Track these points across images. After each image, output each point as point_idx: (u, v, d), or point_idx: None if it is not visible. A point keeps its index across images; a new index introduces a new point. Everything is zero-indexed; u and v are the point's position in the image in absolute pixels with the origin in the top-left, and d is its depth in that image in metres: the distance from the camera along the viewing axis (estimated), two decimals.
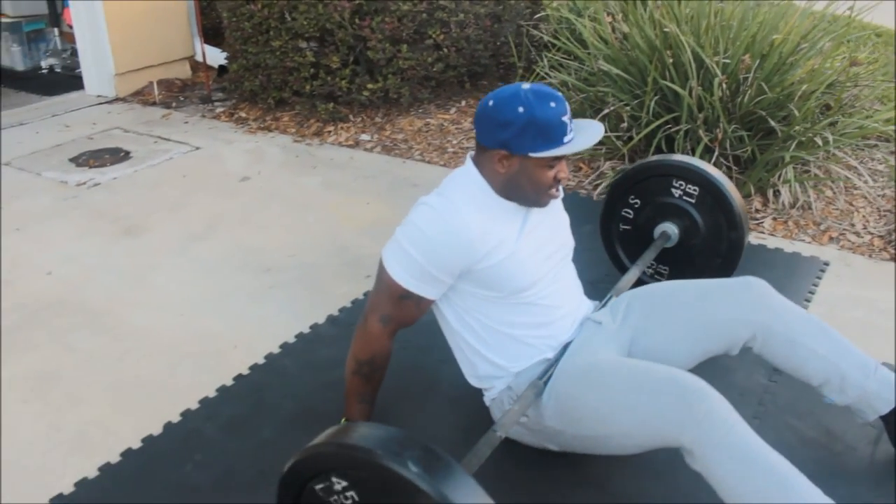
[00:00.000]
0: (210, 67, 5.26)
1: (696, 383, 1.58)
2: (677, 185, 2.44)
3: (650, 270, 2.63)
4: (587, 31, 3.67)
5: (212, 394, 2.22)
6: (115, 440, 2.04)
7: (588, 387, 1.70)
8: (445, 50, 4.29)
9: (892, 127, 3.50)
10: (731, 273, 2.44)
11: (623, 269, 2.68)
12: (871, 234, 3.21)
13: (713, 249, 2.45)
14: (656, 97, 3.31)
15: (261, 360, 2.38)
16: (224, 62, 5.02)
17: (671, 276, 2.58)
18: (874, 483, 1.89)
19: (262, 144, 4.26)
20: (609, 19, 3.52)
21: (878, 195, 3.47)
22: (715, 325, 1.89)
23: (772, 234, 3.21)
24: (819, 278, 2.86)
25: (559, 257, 1.91)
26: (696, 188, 2.42)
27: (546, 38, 4.32)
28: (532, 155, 1.68)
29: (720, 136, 3.22)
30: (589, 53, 3.75)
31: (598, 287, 2.64)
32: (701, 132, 3.24)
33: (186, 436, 2.06)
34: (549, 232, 1.89)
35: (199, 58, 5.40)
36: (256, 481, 1.89)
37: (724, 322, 1.88)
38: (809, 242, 3.18)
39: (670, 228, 2.49)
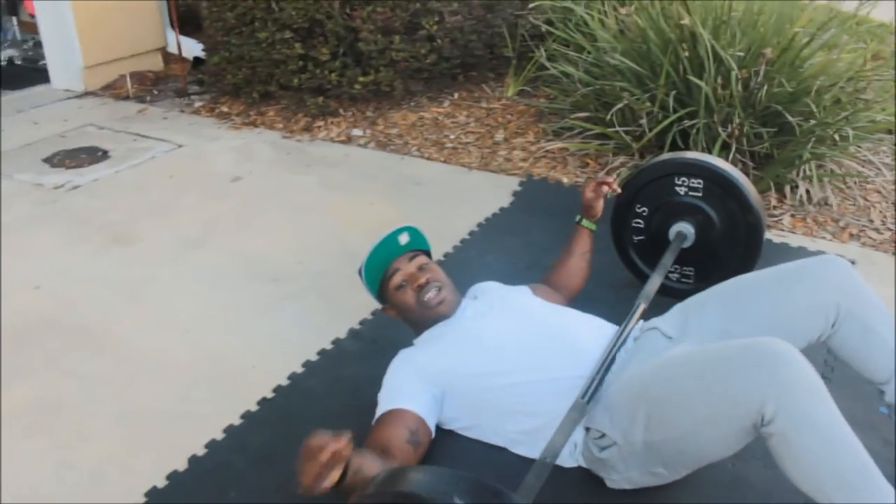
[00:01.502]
0: (184, 59, 5.00)
1: (778, 346, 1.45)
2: (680, 182, 2.37)
3: (675, 275, 2.53)
4: (595, 23, 3.54)
5: (236, 421, 2.04)
6: (135, 479, 1.85)
7: (662, 382, 1.62)
8: (439, 41, 4.12)
9: None
10: (757, 258, 2.38)
11: (645, 280, 2.58)
12: (891, 230, 3.15)
13: (733, 238, 2.37)
14: (674, 91, 3.19)
15: (284, 381, 2.20)
16: (200, 54, 4.78)
17: (697, 277, 2.50)
18: None
19: (250, 141, 4.05)
20: (625, 11, 3.39)
21: (892, 189, 3.42)
22: (801, 313, 1.77)
23: (792, 232, 3.12)
24: None
25: (525, 320, 1.92)
26: (700, 181, 2.34)
27: (543, 27, 4.18)
28: (382, 294, 1.98)
29: (737, 131, 3.12)
30: (595, 45, 3.62)
31: (622, 293, 2.55)
32: (718, 128, 3.14)
33: (216, 470, 1.88)
34: (489, 307, 1.98)
35: (171, 49, 5.15)
36: None
37: (810, 308, 1.77)
38: (831, 240, 3.10)
39: (684, 228, 2.40)
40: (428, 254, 2.05)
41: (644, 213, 2.48)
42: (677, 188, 2.38)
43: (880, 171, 3.47)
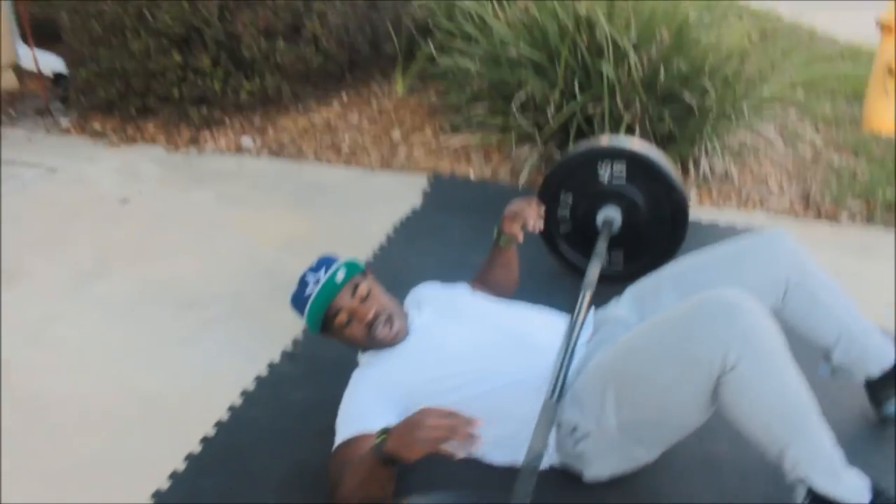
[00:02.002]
0: (43, 76, 4.61)
1: (731, 296, 1.50)
2: (603, 168, 2.38)
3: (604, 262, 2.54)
4: (489, 14, 3.51)
5: (180, 465, 1.87)
6: None
7: (624, 358, 1.63)
8: (324, 42, 3.97)
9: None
10: (684, 234, 2.44)
11: (574, 270, 2.55)
12: (790, 196, 3.28)
13: (658, 218, 2.41)
14: (575, 79, 3.20)
15: (224, 416, 2.04)
16: (62, 69, 4.42)
17: (626, 260, 2.52)
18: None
19: (131, 159, 3.77)
20: (521, 4, 3.37)
21: (783, 158, 3.57)
22: (754, 290, 1.75)
23: (700, 205, 3.20)
24: None
25: (479, 325, 1.86)
26: (623, 164, 2.36)
27: (429, 21, 4.11)
28: (325, 331, 1.85)
29: (640, 114, 3.17)
30: (487, 36, 3.58)
31: (556, 280, 2.54)
32: (622, 111, 3.17)
33: None
34: (439, 316, 1.91)
35: (25, 65, 4.74)
36: None
37: (763, 284, 1.83)
38: (737, 210, 3.20)
39: (611, 213, 2.41)
40: (364, 272, 1.93)
41: (569, 204, 2.47)
42: (600, 174, 2.38)
43: (770, 142, 3.61)
